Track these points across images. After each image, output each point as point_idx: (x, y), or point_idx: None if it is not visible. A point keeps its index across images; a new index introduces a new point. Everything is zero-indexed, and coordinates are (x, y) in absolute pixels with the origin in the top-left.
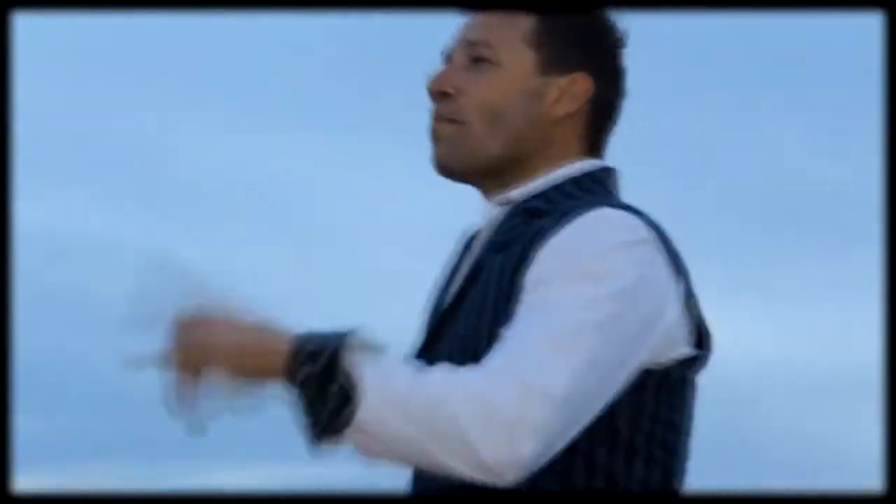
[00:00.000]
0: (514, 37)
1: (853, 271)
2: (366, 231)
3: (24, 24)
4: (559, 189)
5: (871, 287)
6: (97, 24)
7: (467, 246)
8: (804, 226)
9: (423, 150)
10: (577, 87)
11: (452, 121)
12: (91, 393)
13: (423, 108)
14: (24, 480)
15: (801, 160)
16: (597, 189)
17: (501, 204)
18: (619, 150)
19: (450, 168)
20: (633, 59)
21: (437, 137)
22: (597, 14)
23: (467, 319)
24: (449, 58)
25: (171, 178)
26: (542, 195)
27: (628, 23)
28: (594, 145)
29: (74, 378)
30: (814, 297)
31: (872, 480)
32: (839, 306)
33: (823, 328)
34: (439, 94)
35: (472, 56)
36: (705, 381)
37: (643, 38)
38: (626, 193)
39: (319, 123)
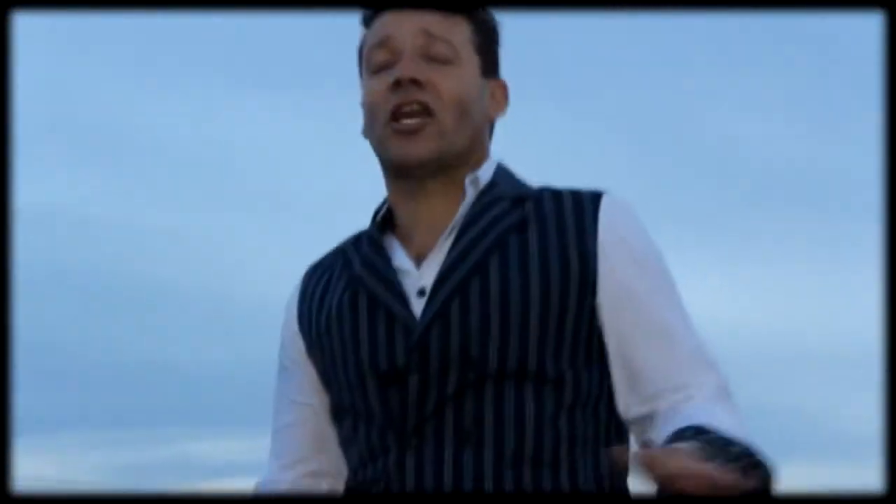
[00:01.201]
0: (465, 38)
1: (851, 244)
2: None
3: (24, 24)
4: (498, 177)
5: (868, 262)
6: (97, 24)
7: (382, 230)
8: (799, 200)
9: None
10: (499, 93)
11: (425, 110)
12: (81, 365)
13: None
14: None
15: (800, 158)
16: (517, 176)
17: (471, 184)
18: (628, 128)
19: (425, 161)
20: (629, 38)
21: (410, 130)
22: (498, 22)
23: (503, 297)
24: (392, 46)
25: (165, 159)
26: (495, 183)
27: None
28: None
29: (62, 349)
30: (812, 271)
31: (868, 459)
32: (836, 280)
33: (820, 302)
34: (412, 81)
35: (430, 51)
36: None
37: (646, 23)
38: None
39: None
